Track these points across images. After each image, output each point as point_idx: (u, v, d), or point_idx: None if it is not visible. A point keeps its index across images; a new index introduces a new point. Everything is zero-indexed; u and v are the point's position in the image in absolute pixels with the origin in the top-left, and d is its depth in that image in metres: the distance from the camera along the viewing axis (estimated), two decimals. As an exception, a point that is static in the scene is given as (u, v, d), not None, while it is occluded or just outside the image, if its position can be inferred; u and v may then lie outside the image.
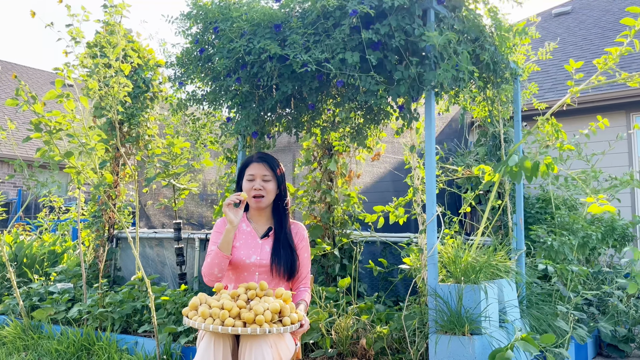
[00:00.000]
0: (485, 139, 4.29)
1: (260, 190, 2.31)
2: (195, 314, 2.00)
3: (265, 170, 2.33)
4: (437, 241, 2.61)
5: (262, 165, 2.34)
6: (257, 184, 2.32)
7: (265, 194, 2.32)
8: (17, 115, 14.36)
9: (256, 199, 2.32)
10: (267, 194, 2.33)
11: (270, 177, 2.34)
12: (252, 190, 2.32)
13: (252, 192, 2.32)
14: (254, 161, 2.37)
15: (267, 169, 2.34)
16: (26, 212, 10.88)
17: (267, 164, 2.35)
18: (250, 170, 2.35)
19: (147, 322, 3.79)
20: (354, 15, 2.34)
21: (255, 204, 2.33)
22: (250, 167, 2.36)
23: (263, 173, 2.33)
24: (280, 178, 2.38)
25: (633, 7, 2.68)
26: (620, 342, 3.64)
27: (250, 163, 2.37)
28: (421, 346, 2.72)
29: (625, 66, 7.31)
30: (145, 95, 4.87)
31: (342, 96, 3.13)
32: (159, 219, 5.93)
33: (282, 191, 2.39)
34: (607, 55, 2.80)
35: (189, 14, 2.87)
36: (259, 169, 2.33)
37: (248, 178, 2.34)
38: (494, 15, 2.82)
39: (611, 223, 4.35)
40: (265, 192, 2.32)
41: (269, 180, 2.34)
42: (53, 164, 3.44)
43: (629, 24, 2.74)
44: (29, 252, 5.51)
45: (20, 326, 3.95)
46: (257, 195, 2.32)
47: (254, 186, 2.31)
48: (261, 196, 2.32)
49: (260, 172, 2.33)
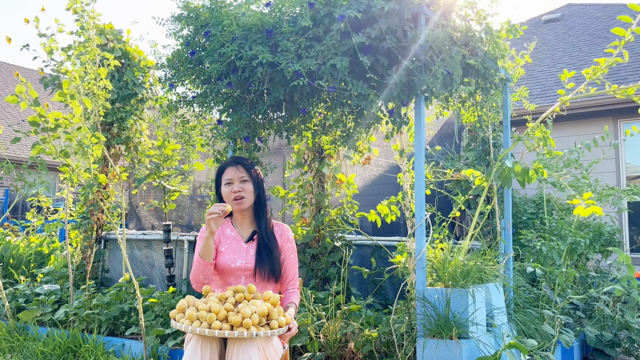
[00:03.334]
0: (475, 143, 4.32)
1: (240, 192, 2.33)
2: (183, 316, 1.99)
3: (241, 173, 2.36)
4: (425, 245, 2.62)
5: (238, 167, 2.37)
6: (235, 186, 2.34)
7: (245, 194, 2.34)
8: (5, 115, 14.22)
9: (237, 201, 2.34)
10: (247, 194, 2.35)
11: (247, 178, 2.36)
12: (231, 193, 2.33)
13: (232, 195, 2.33)
14: (229, 165, 2.39)
15: (243, 171, 2.37)
16: (13, 213, 10.77)
17: (242, 166, 2.38)
18: (226, 175, 2.37)
19: (134, 324, 3.76)
20: (341, 20, 2.35)
21: (238, 206, 2.35)
22: (226, 172, 2.38)
23: (240, 175, 2.36)
24: (256, 179, 2.40)
25: (624, 16, 2.70)
26: (607, 347, 3.67)
27: (225, 168, 2.40)
28: (409, 350, 2.73)
29: (612, 74, 7.40)
30: (136, 98, 4.85)
31: (333, 100, 3.14)
32: (149, 221, 5.89)
33: (261, 193, 2.41)
34: (596, 66, 2.84)
35: (179, 16, 2.86)
36: (235, 172, 2.36)
37: (226, 182, 2.36)
38: (483, 20, 2.85)
39: (598, 229, 4.40)
40: (245, 193, 2.34)
41: (247, 180, 2.36)
42: (42, 164, 3.41)
43: (620, 34, 2.76)
44: (16, 253, 5.45)
45: (5, 328, 3.90)
46: (237, 197, 2.33)
47: (233, 189, 2.33)
48: (241, 197, 2.34)
49: (237, 175, 2.35)
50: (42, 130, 3.29)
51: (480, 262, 2.70)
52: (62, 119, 3.32)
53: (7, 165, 3.59)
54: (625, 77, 7.21)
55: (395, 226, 5.16)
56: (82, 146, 3.33)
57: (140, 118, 4.88)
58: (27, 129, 13.62)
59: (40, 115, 3.26)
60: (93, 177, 3.58)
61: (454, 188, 4.38)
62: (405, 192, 3.18)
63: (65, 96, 3.30)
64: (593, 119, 6.87)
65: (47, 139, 3.31)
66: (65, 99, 3.29)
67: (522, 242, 4.05)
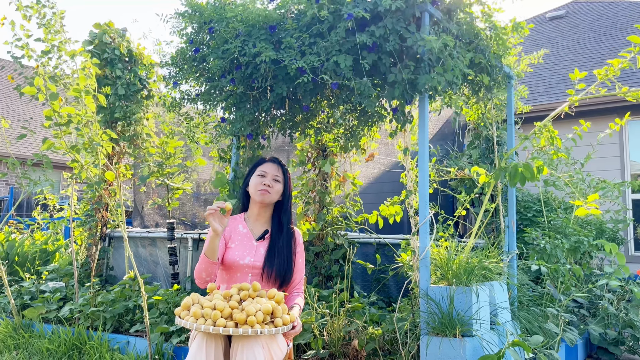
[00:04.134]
0: (479, 141, 4.31)
1: (269, 187, 2.36)
2: (188, 314, 2.00)
3: (277, 172, 2.41)
4: (429, 243, 2.62)
5: (276, 166, 2.44)
6: (267, 180, 2.38)
7: (272, 191, 2.37)
8: (10, 113, 14.27)
9: (262, 191, 2.35)
10: (273, 192, 2.38)
11: (280, 179, 2.41)
12: (260, 184, 2.36)
13: (260, 186, 2.36)
14: (270, 161, 2.46)
15: (280, 172, 2.43)
16: (18, 210, 10.82)
17: (281, 167, 2.45)
18: (263, 168, 2.42)
19: (139, 321, 3.78)
20: (349, 19, 2.34)
21: (261, 197, 2.36)
22: (264, 165, 2.43)
23: (275, 173, 2.41)
24: (287, 185, 2.44)
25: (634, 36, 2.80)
26: (610, 345, 3.66)
27: (264, 162, 2.46)
28: (412, 348, 2.73)
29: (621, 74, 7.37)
30: (141, 94, 4.86)
31: (336, 98, 3.14)
32: (153, 219, 5.91)
33: (285, 199, 2.44)
34: (608, 67, 2.89)
35: (183, 13, 2.86)
36: (272, 168, 2.42)
37: (260, 173, 2.40)
38: (488, 18, 2.84)
39: (600, 226, 4.39)
40: (272, 190, 2.37)
41: (279, 181, 2.41)
42: (47, 162, 3.43)
43: (636, 41, 2.87)
44: (21, 251, 5.48)
45: (11, 325, 3.93)
46: (264, 190, 2.35)
47: (264, 182, 2.37)
48: (268, 192, 2.36)
49: (272, 172, 2.40)
50: (55, 124, 3.31)
51: (484, 260, 2.70)
52: (75, 115, 3.33)
53: (12, 161, 3.61)
54: (630, 74, 7.17)
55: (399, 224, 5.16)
56: (92, 143, 3.34)
57: (146, 115, 4.89)
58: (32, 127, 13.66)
59: (54, 110, 3.28)
60: (101, 173, 3.59)
61: (458, 186, 4.37)
62: (410, 190, 3.17)
63: (79, 92, 3.30)
64: (598, 116, 6.84)
65: (59, 134, 3.33)
66: (80, 94, 3.30)
67: (526, 239, 4.05)
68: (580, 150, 6.57)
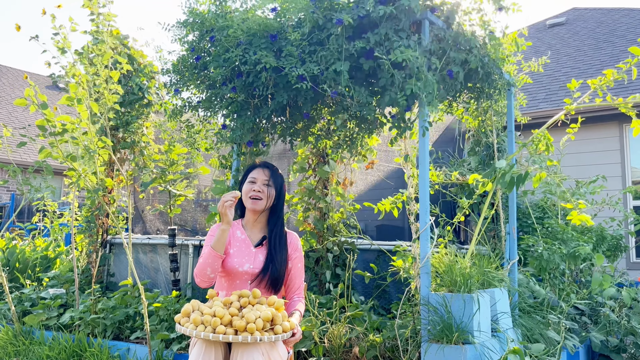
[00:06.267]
0: (479, 148, 4.31)
1: (259, 193, 2.37)
2: (188, 320, 2.00)
3: (266, 176, 2.42)
4: (430, 250, 2.62)
5: (265, 171, 2.44)
6: (257, 186, 2.38)
7: (264, 197, 2.38)
8: (11, 120, 14.32)
9: (253, 200, 2.37)
10: (265, 197, 2.38)
11: (270, 183, 2.42)
12: (251, 191, 2.37)
13: (250, 193, 2.37)
14: (258, 167, 2.47)
15: (269, 175, 2.43)
16: (19, 217, 10.83)
17: (270, 170, 2.45)
18: (253, 174, 2.43)
19: (139, 328, 3.77)
20: (339, 24, 2.37)
21: (252, 205, 2.37)
22: (253, 171, 2.45)
23: (264, 178, 2.41)
24: (279, 188, 2.44)
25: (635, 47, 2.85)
26: (612, 352, 3.65)
27: (254, 168, 2.47)
28: (413, 355, 2.73)
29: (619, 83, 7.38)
30: (141, 102, 4.88)
31: (336, 105, 3.15)
32: (154, 225, 5.91)
33: (279, 202, 2.44)
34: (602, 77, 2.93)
35: (185, 21, 2.88)
36: (260, 173, 2.42)
37: (250, 180, 2.41)
38: (487, 25, 2.85)
39: (601, 232, 4.38)
40: (264, 196, 2.38)
41: (270, 185, 2.41)
42: (48, 169, 3.44)
43: (636, 53, 2.91)
44: (21, 257, 5.48)
45: (11, 331, 3.92)
46: (254, 196, 2.37)
47: (254, 188, 2.38)
48: (259, 198, 2.37)
49: (261, 177, 2.41)
50: (50, 134, 3.32)
51: (484, 266, 2.70)
52: (70, 123, 3.34)
53: (14, 168, 3.62)
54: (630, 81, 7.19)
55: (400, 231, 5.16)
56: (88, 151, 3.35)
57: (146, 122, 4.90)
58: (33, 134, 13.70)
59: (47, 120, 3.29)
60: (100, 181, 3.60)
61: (458, 193, 4.37)
62: (410, 197, 3.18)
63: (72, 100, 3.32)
64: (598, 124, 6.85)
65: (55, 143, 3.34)
66: (72, 102, 3.32)
67: (522, 247, 4.04)
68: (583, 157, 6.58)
